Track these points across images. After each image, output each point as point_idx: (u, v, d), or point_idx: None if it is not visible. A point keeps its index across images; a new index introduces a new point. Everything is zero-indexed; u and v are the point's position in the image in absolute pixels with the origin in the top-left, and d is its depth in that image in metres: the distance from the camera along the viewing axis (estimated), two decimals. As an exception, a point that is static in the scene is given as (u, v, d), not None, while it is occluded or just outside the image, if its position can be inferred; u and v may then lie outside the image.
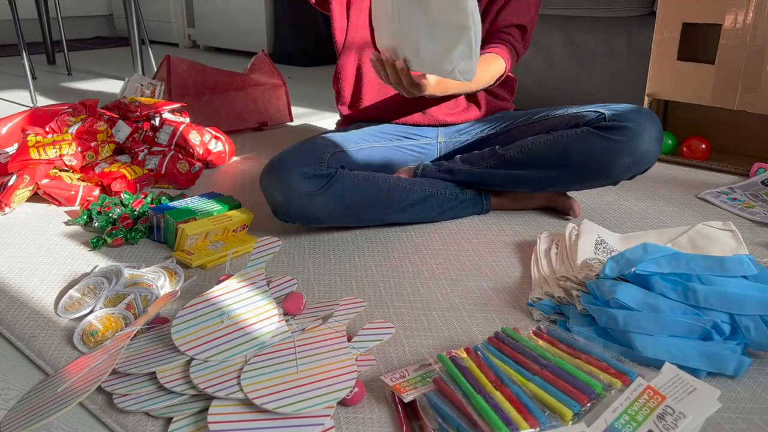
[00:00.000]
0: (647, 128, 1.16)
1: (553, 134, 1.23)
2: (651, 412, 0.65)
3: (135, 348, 0.83)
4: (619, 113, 1.18)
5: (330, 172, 1.15)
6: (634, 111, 1.19)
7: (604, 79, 2.06)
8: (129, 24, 2.70)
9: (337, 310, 0.92)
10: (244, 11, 3.61)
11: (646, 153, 1.17)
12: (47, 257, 1.14)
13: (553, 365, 0.75)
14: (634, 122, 1.16)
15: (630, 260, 0.88)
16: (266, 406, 0.70)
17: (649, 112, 1.19)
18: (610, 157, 1.17)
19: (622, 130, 1.16)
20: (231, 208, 1.25)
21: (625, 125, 1.16)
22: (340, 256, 1.16)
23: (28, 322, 0.92)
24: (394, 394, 0.75)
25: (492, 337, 0.84)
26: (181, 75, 1.95)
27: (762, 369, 0.83)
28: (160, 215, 1.18)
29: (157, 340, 0.84)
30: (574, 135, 1.20)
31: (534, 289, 1.00)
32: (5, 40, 3.69)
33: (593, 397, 0.69)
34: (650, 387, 0.69)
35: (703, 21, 1.60)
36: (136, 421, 0.72)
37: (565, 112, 1.27)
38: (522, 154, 1.24)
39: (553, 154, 1.21)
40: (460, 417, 0.68)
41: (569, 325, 0.89)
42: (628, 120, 1.16)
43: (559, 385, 0.71)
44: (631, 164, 1.17)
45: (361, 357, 0.82)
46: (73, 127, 1.53)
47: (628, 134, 1.15)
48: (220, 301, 0.86)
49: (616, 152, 1.16)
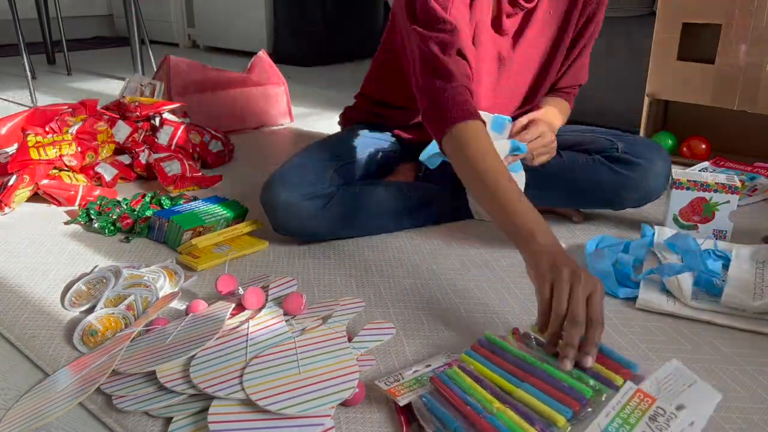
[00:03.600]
0: (658, 166, 1.18)
1: (562, 156, 1.22)
2: (643, 414, 0.66)
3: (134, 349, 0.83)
4: (632, 147, 1.19)
5: (331, 191, 1.14)
6: (646, 146, 1.20)
7: (604, 79, 2.06)
8: (129, 24, 2.70)
9: (337, 311, 0.92)
10: (244, 11, 3.60)
11: (654, 190, 1.19)
12: (47, 257, 1.14)
13: (539, 370, 0.73)
14: (645, 159, 1.17)
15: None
16: (269, 407, 0.70)
17: (660, 148, 1.21)
18: (618, 191, 1.19)
19: (634, 167, 1.17)
20: (237, 214, 1.25)
21: (637, 162, 1.17)
22: (340, 256, 1.16)
23: (28, 322, 0.92)
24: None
25: (475, 345, 0.81)
26: (181, 75, 1.95)
27: (762, 369, 0.83)
28: (165, 221, 1.18)
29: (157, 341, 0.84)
30: (584, 162, 1.20)
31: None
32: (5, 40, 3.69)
33: (584, 402, 0.68)
34: (640, 390, 0.69)
35: (703, 21, 1.60)
36: (136, 421, 0.72)
37: (575, 134, 1.28)
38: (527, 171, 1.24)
39: (560, 178, 1.21)
40: (459, 418, 0.68)
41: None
42: (640, 156, 1.17)
43: (548, 392, 0.70)
44: (638, 199, 1.20)
45: (361, 357, 0.82)
46: (73, 127, 1.53)
47: (639, 171, 1.17)
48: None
49: (626, 187, 1.18)
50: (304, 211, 1.12)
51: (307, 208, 1.12)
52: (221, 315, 0.87)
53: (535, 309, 0.97)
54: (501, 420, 0.66)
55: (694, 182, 1.19)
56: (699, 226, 1.21)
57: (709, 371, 0.83)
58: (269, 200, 1.13)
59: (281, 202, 1.11)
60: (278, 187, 1.12)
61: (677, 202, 1.21)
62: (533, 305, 0.99)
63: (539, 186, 1.23)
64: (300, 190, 1.11)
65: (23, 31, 2.49)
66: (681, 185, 1.20)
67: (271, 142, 1.97)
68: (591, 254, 1.11)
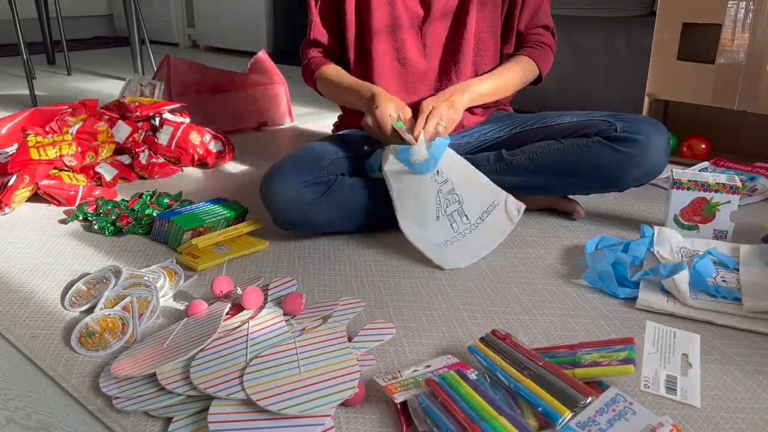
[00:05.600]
0: (657, 141, 1.18)
1: (562, 142, 1.23)
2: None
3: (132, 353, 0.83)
4: (630, 125, 1.19)
5: (330, 179, 1.15)
6: (644, 123, 1.20)
7: (604, 79, 2.06)
8: (129, 24, 2.70)
9: (337, 310, 0.92)
10: (244, 11, 3.61)
11: (656, 165, 1.19)
12: (47, 257, 1.14)
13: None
14: (644, 135, 1.17)
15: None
16: (270, 407, 0.70)
17: (658, 124, 1.21)
18: (620, 169, 1.19)
19: (633, 143, 1.17)
20: (238, 214, 1.25)
21: (635, 138, 1.17)
22: (340, 256, 1.16)
23: (28, 323, 0.92)
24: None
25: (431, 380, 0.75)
26: (181, 75, 1.95)
27: (762, 369, 0.83)
28: (165, 221, 1.18)
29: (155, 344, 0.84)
30: (585, 145, 1.21)
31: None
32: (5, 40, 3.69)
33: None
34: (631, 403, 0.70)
35: (703, 21, 1.60)
36: (136, 422, 0.72)
37: (574, 119, 1.28)
38: (530, 161, 1.24)
39: (563, 163, 1.22)
40: (452, 421, 0.68)
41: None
42: (638, 133, 1.17)
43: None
44: (640, 175, 1.20)
45: (360, 357, 0.82)
46: (73, 127, 1.54)
47: (638, 147, 1.17)
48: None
49: (627, 164, 1.18)
50: (303, 197, 1.12)
51: (306, 195, 1.12)
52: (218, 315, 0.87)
53: (535, 309, 0.97)
54: (494, 428, 0.66)
55: (695, 182, 1.19)
56: (699, 226, 1.21)
57: (710, 371, 0.83)
58: (269, 191, 1.13)
59: (281, 191, 1.11)
60: (277, 178, 1.12)
61: (678, 202, 1.21)
62: (533, 305, 0.99)
63: (545, 173, 1.24)
64: (299, 178, 1.12)
65: (23, 31, 2.49)
66: (682, 185, 1.20)
67: (271, 142, 1.97)
68: (591, 254, 1.11)
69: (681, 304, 0.97)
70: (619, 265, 1.05)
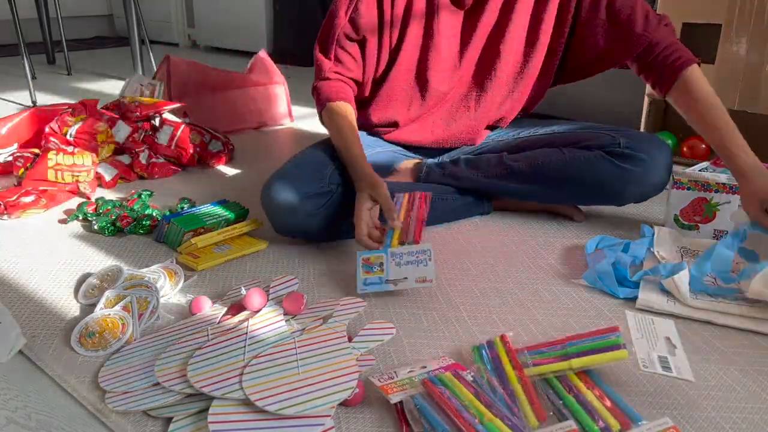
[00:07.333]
0: (660, 161, 1.18)
1: (564, 153, 1.22)
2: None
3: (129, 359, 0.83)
4: (634, 142, 1.19)
5: (330, 189, 1.14)
6: (647, 141, 1.20)
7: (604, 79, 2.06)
8: (129, 24, 2.70)
9: (337, 310, 0.92)
10: (244, 11, 3.60)
11: (657, 184, 1.19)
12: (47, 257, 1.14)
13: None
14: (647, 154, 1.17)
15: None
16: (268, 408, 0.70)
17: (661, 143, 1.20)
18: (622, 186, 1.18)
19: (636, 161, 1.17)
20: (238, 215, 1.25)
21: (639, 156, 1.17)
22: (340, 256, 1.16)
23: (28, 323, 0.92)
24: (394, 395, 0.74)
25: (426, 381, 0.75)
26: (181, 75, 1.95)
27: (762, 369, 0.83)
28: (166, 223, 1.18)
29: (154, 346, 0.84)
30: (587, 158, 1.20)
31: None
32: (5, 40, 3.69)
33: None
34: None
35: (703, 21, 1.60)
36: (136, 421, 0.72)
37: (577, 128, 1.28)
38: (531, 168, 1.24)
39: (563, 174, 1.22)
40: (448, 422, 0.68)
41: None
42: (642, 151, 1.17)
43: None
44: (641, 193, 1.20)
45: (360, 357, 0.82)
46: (72, 127, 1.53)
47: (641, 166, 1.17)
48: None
49: (628, 182, 1.18)
50: (304, 209, 1.11)
51: (306, 207, 1.11)
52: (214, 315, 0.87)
53: (535, 309, 0.97)
54: (489, 429, 0.66)
55: (695, 182, 1.19)
56: (700, 226, 1.21)
57: (709, 371, 0.83)
58: (269, 201, 1.13)
59: (281, 202, 1.11)
60: (277, 188, 1.12)
61: (678, 202, 1.21)
62: (534, 306, 0.99)
63: (545, 182, 1.23)
64: (299, 189, 1.11)
65: (23, 31, 2.49)
66: (682, 185, 1.20)
67: (271, 142, 1.97)
68: (591, 254, 1.11)
69: (681, 304, 0.97)
70: (619, 265, 1.05)
